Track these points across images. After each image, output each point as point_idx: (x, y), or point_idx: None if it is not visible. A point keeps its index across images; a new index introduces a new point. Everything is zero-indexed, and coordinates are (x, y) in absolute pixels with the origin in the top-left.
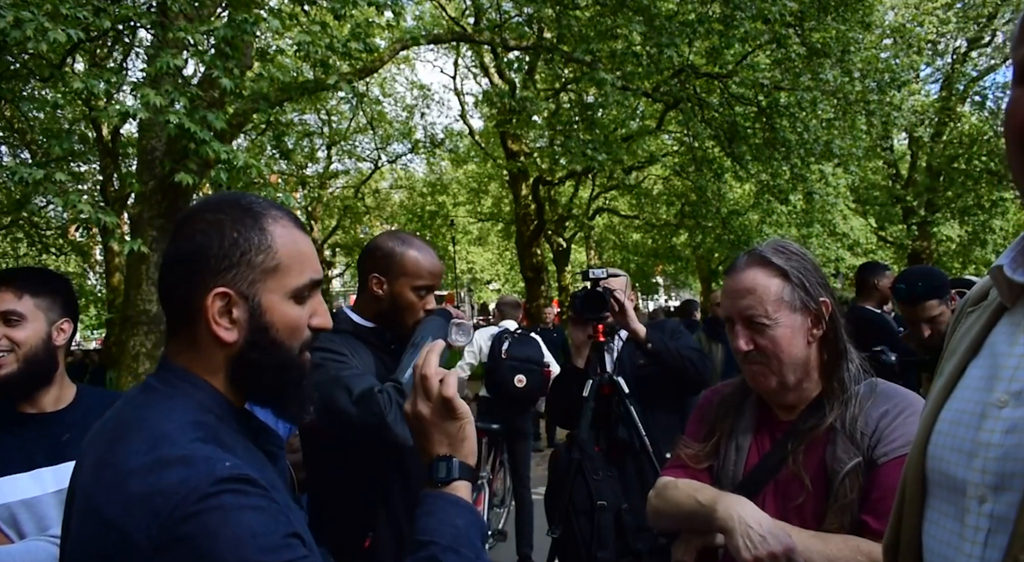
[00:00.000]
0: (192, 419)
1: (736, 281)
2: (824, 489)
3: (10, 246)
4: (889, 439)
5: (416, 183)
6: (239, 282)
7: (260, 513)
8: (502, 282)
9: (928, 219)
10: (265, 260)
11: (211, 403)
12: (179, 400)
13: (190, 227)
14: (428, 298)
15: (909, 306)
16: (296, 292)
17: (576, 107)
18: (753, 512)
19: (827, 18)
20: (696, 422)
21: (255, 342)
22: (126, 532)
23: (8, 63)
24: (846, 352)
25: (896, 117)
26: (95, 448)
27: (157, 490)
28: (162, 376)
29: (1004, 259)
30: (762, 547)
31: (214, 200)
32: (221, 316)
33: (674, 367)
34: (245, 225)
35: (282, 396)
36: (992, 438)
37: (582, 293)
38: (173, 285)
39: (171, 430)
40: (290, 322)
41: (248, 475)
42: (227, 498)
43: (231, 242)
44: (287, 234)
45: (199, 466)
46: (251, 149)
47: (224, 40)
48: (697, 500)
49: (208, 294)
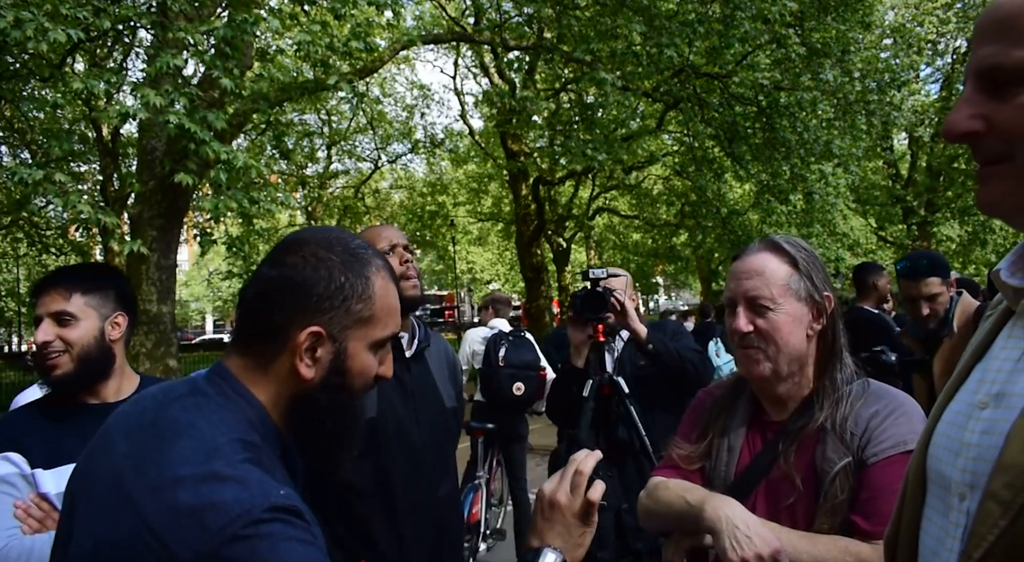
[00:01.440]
0: (242, 437)
1: (745, 263)
2: (814, 489)
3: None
4: (879, 440)
5: (416, 183)
6: (334, 325)
7: (306, 547)
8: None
9: (928, 219)
10: (363, 310)
11: (260, 424)
12: (232, 413)
13: (299, 257)
14: (399, 252)
15: (910, 280)
16: (378, 343)
17: (576, 107)
18: (741, 513)
19: (827, 18)
20: (689, 423)
21: (329, 384)
22: (167, 542)
23: (8, 63)
24: (841, 352)
25: (896, 117)
26: (132, 438)
27: (209, 504)
28: (216, 383)
29: (1003, 264)
30: (748, 548)
31: (324, 235)
32: (306, 352)
33: (674, 368)
34: (353, 271)
35: (334, 441)
36: (972, 438)
37: (582, 293)
38: (268, 308)
39: (223, 444)
40: (365, 370)
41: (299, 507)
42: (277, 527)
43: (337, 286)
44: (385, 287)
45: (254, 488)
46: (251, 149)
47: (224, 40)
48: (686, 500)
49: (303, 330)
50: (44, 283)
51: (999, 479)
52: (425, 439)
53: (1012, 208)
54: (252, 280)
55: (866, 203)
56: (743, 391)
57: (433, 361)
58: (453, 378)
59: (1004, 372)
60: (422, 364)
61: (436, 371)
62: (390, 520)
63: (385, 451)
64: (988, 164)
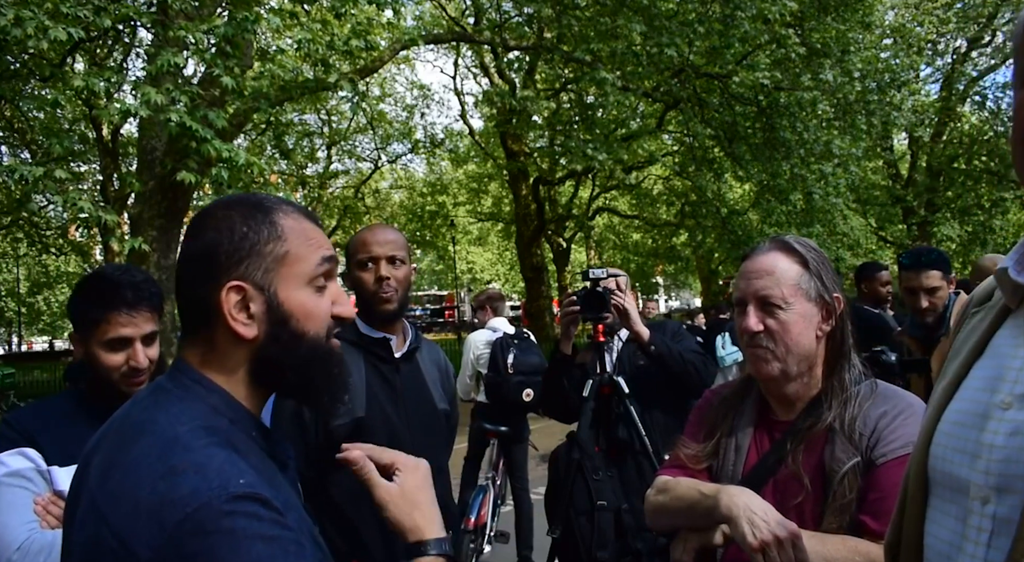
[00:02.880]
0: (204, 423)
1: (755, 262)
2: (822, 489)
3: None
4: (888, 440)
5: (416, 183)
6: (252, 273)
7: (270, 545)
8: (502, 282)
9: (928, 219)
10: (275, 249)
11: (224, 407)
12: (191, 402)
13: (202, 226)
14: (378, 267)
15: (912, 272)
16: (312, 278)
17: (576, 107)
18: (757, 500)
19: (827, 18)
20: (695, 423)
21: (276, 336)
22: (127, 541)
23: (8, 62)
24: (850, 353)
25: (896, 117)
26: (102, 451)
27: (167, 500)
28: (174, 377)
29: (1009, 261)
30: (767, 532)
31: (225, 199)
32: (239, 311)
33: (676, 371)
34: (256, 219)
35: (312, 389)
36: (996, 440)
37: (582, 293)
38: (187, 285)
39: (183, 433)
40: (311, 311)
41: (263, 495)
42: (239, 522)
43: (241, 236)
44: (295, 223)
45: (212, 478)
46: (251, 149)
47: (225, 38)
48: (700, 491)
49: (222, 289)
50: (134, 300)
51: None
52: (415, 440)
53: None
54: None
55: (866, 203)
56: (750, 391)
57: (425, 364)
58: (445, 382)
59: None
60: (412, 366)
61: (427, 373)
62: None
63: None
64: None
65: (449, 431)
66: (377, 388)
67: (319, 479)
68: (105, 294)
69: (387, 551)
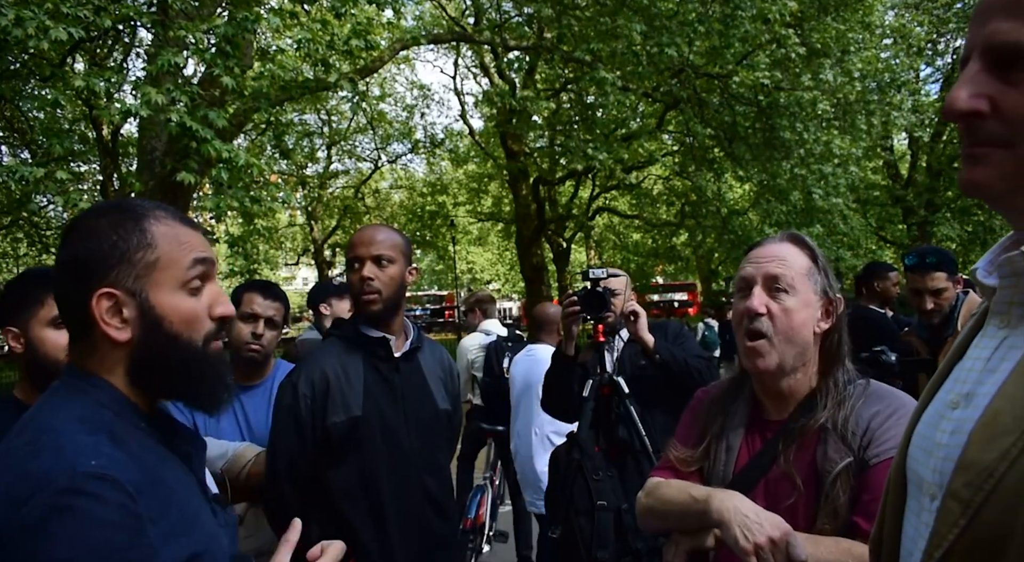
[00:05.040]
0: (81, 414)
1: (767, 249)
2: (815, 489)
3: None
4: (881, 440)
5: (416, 183)
6: (123, 281)
7: (107, 530)
8: (502, 282)
9: (928, 219)
10: (145, 256)
11: (108, 400)
12: (75, 397)
13: (74, 234)
14: (362, 268)
15: (917, 274)
16: (185, 282)
17: (576, 107)
18: (748, 503)
19: (827, 18)
20: (687, 424)
21: (149, 339)
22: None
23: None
24: (844, 355)
25: (896, 117)
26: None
27: (18, 475)
28: (65, 379)
29: (981, 262)
30: (760, 534)
31: (96, 207)
32: (111, 316)
33: (681, 376)
34: (125, 227)
35: (188, 389)
36: (942, 438)
37: (582, 292)
38: (63, 291)
39: (56, 423)
40: (185, 314)
41: (111, 475)
42: (81, 501)
43: (110, 245)
44: (167, 229)
45: (65, 458)
46: (251, 149)
47: (225, 38)
48: (691, 495)
49: (93, 296)
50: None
51: (960, 478)
52: (414, 439)
53: (998, 192)
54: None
55: (866, 203)
56: (742, 391)
57: (427, 363)
58: (448, 382)
59: (975, 371)
60: (413, 365)
61: (429, 373)
62: (376, 520)
63: (369, 450)
64: (977, 145)
65: (451, 431)
66: (375, 387)
67: (315, 477)
68: (42, 276)
69: (383, 549)
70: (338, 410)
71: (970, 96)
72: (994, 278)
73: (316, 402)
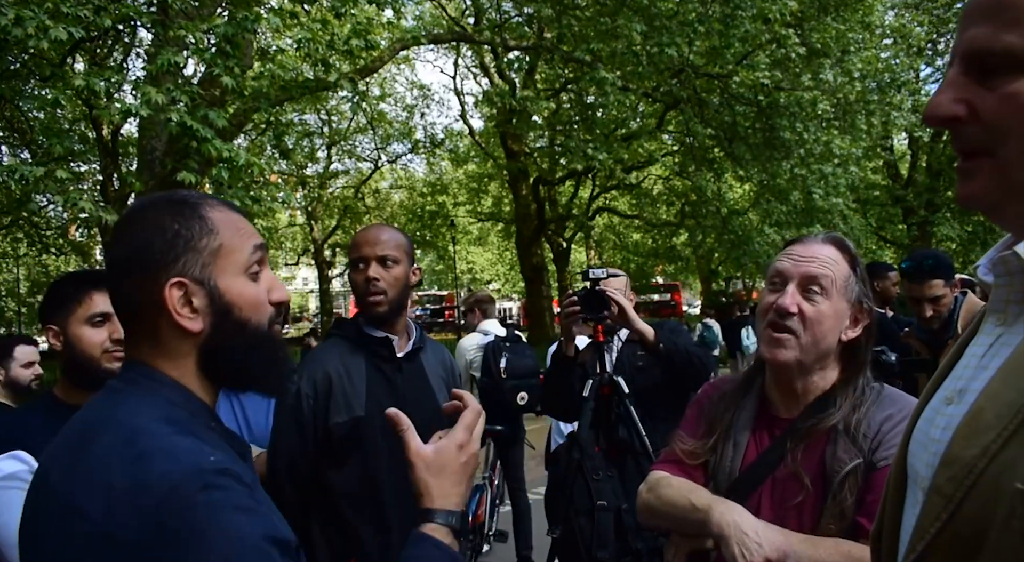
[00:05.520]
0: (163, 414)
1: (809, 248)
2: (822, 489)
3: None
4: (890, 443)
5: (416, 183)
6: (190, 269)
7: (244, 514)
8: (502, 282)
9: (928, 219)
10: (209, 243)
11: (181, 400)
12: (146, 397)
13: (131, 227)
14: (368, 268)
15: (913, 283)
16: (247, 267)
17: (576, 107)
18: (749, 519)
19: (827, 18)
20: (694, 417)
21: (221, 326)
22: (107, 531)
23: (9, 62)
24: (867, 361)
25: (896, 117)
26: (60, 457)
27: (141, 483)
28: (126, 377)
29: (983, 260)
30: (758, 554)
31: (147, 200)
32: (182, 307)
33: (683, 365)
34: (184, 215)
35: (259, 375)
36: (935, 434)
37: (582, 292)
38: (125, 286)
39: (144, 423)
40: (251, 299)
41: (235, 470)
42: (215, 495)
43: (173, 233)
44: (223, 216)
45: (182, 458)
46: (251, 149)
47: (225, 38)
48: (691, 503)
49: (164, 287)
50: None
51: (943, 473)
52: None
53: (991, 203)
54: (105, 271)
55: (866, 203)
56: (752, 387)
57: (429, 363)
58: (450, 382)
59: (970, 368)
60: (416, 365)
61: (431, 373)
62: (377, 520)
63: (371, 451)
64: (968, 157)
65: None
66: (378, 387)
67: (316, 478)
68: (83, 277)
69: (384, 550)
70: (340, 410)
71: (949, 101)
72: (992, 276)
73: (318, 402)
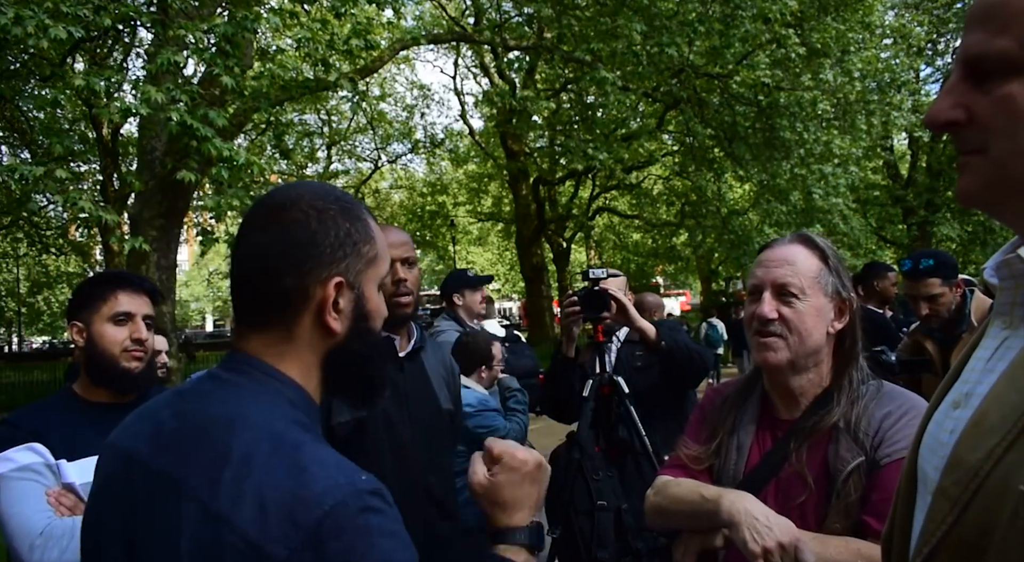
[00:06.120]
0: (294, 418)
1: (776, 253)
2: (826, 488)
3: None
4: (892, 440)
5: (416, 183)
6: (350, 272)
7: (397, 541)
8: (502, 282)
9: (928, 219)
10: (369, 250)
11: (299, 401)
12: (270, 397)
13: (296, 213)
14: (395, 269)
15: (912, 281)
16: (383, 280)
17: (576, 107)
18: (759, 506)
19: (827, 18)
20: (698, 422)
21: (357, 331)
22: (256, 542)
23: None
24: (859, 354)
25: (896, 117)
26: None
27: (299, 498)
28: (242, 370)
29: (990, 262)
30: (769, 538)
31: (313, 189)
32: (332, 305)
33: (683, 362)
34: (352, 215)
35: (373, 383)
36: (944, 437)
37: (582, 293)
38: (276, 274)
39: (283, 430)
40: (381, 311)
41: (383, 490)
42: (372, 519)
43: (345, 232)
44: (375, 226)
45: (338, 475)
46: (251, 149)
47: (225, 38)
48: (701, 495)
49: (327, 283)
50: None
51: (949, 476)
52: (417, 439)
53: (986, 200)
54: (243, 251)
55: (866, 203)
56: (753, 390)
57: (430, 363)
58: (450, 381)
59: (976, 371)
60: (417, 365)
61: (432, 373)
62: None
63: (372, 451)
64: (965, 155)
65: (453, 431)
66: None
67: None
68: (110, 276)
69: None
70: (343, 410)
71: (948, 107)
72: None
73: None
